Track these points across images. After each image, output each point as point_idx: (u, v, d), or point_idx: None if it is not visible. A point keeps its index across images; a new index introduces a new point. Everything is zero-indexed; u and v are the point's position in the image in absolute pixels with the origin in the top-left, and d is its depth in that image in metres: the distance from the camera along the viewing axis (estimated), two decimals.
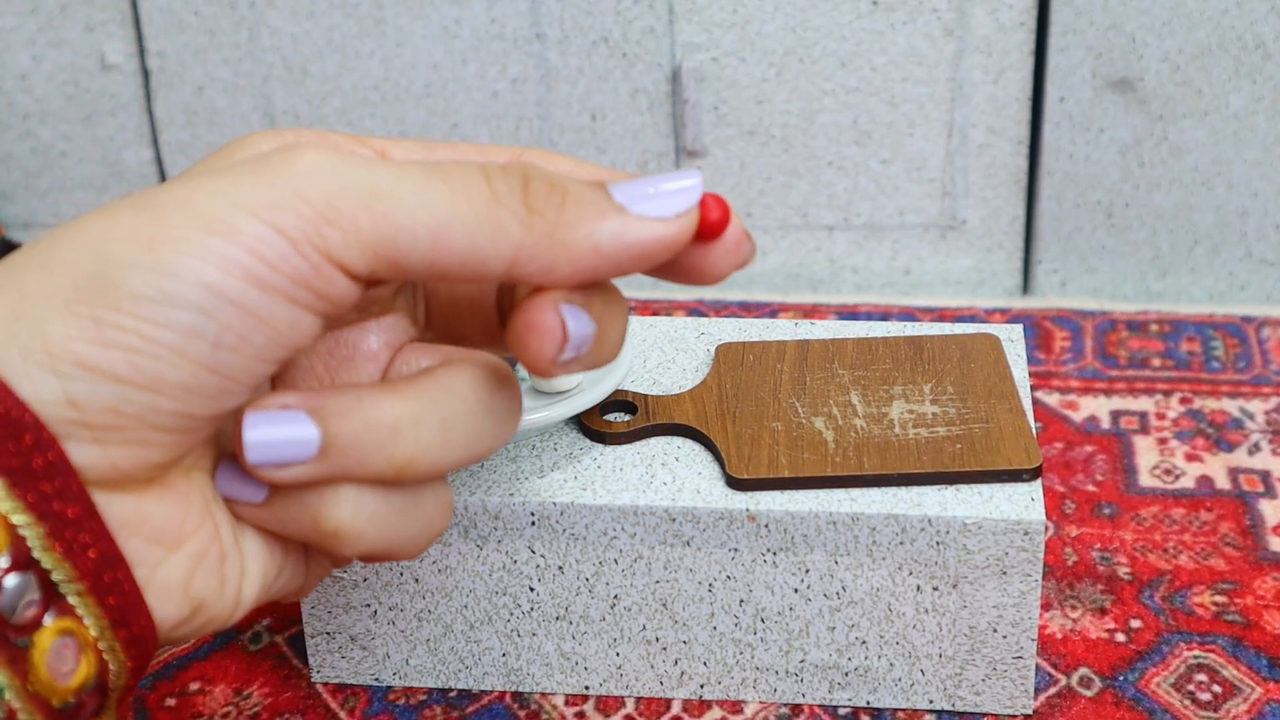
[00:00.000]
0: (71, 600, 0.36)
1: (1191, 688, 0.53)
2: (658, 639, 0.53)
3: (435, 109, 0.76)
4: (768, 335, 0.58)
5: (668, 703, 0.54)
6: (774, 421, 0.53)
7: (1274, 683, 0.53)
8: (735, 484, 0.51)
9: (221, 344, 0.37)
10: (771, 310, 0.75)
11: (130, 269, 0.36)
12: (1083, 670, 0.54)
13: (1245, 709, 0.52)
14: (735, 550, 0.51)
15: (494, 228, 0.38)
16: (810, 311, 0.75)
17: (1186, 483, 0.63)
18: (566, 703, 0.54)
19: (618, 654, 0.53)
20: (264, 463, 0.39)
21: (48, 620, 0.36)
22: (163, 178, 0.79)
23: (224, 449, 0.41)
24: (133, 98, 0.77)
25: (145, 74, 0.77)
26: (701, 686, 0.53)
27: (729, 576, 0.51)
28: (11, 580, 0.35)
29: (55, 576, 0.36)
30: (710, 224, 0.40)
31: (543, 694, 0.54)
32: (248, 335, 0.37)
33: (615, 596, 0.52)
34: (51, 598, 0.36)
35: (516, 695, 0.54)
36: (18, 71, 0.77)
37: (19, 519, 0.35)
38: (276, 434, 0.39)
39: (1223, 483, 0.63)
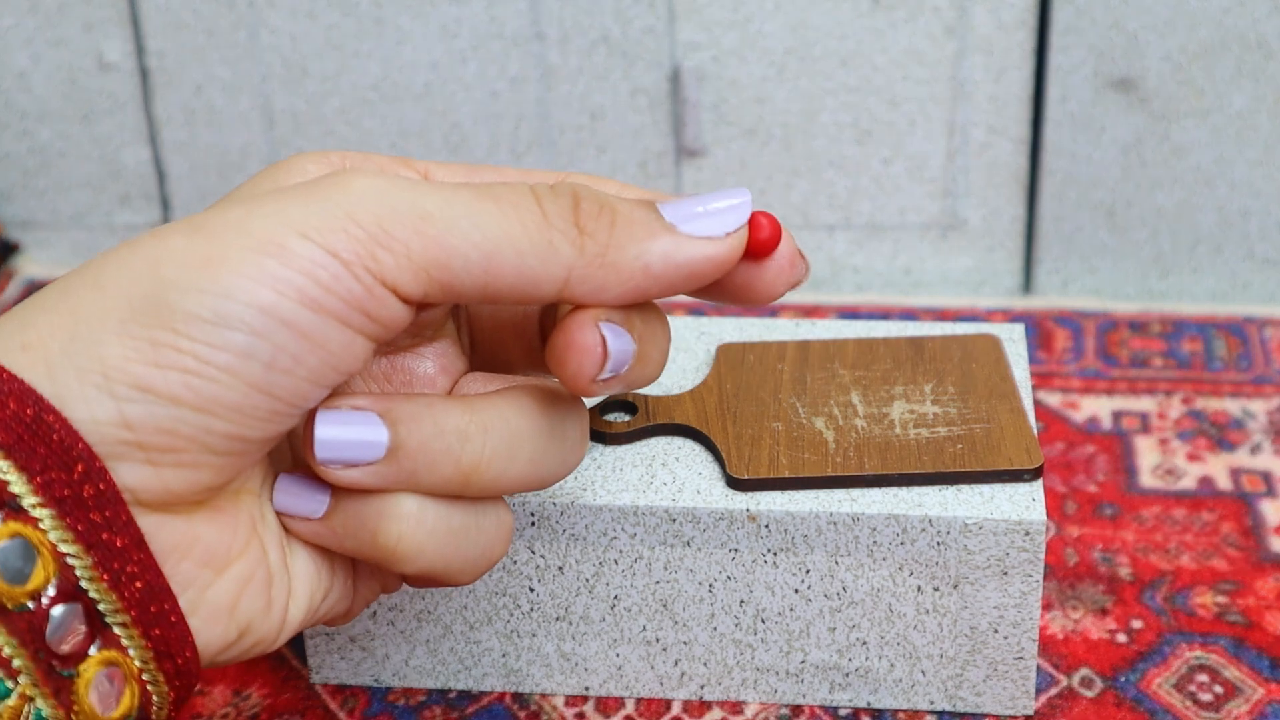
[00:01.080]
0: (117, 631, 0.36)
1: (1193, 688, 0.53)
2: (658, 639, 0.53)
3: (435, 108, 0.76)
4: (768, 335, 0.58)
5: (668, 703, 0.53)
6: (774, 421, 0.53)
7: (1275, 683, 0.53)
8: (735, 484, 0.51)
9: (275, 366, 0.37)
10: (772, 310, 0.75)
11: (185, 291, 0.36)
12: (1084, 671, 0.54)
13: (1246, 709, 0.52)
14: (735, 550, 0.51)
15: (546, 250, 0.38)
16: (810, 311, 0.75)
17: (1188, 483, 0.63)
18: (566, 703, 0.54)
19: (618, 655, 0.53)
20: (332, 461, 0.39)
21: (93, 651, 0.36)
22: (161, 177, 0.79)
23: (273, 469, 0.41)
24: (131, 97, 0.77)
25: (144, 73, 0.77)
26: (702, 687, 0.53)
27: (729, 577, 0.51)
28: (59, 610, 0.36)
29: (101, 607, 0.36)
30: (760, 242, 0.40)
31: (543, 695, 0.54)
32: (301, 357, 0.37)
33: (615, 597, 0.52)
34: (97, 628, 0.36)
35: (516, 696, 0.54)
36: (15, 70, 0.77)
37: (68, 549, 0.35)
38: (347, 433, 0.39)
39: (1224, 483, 0.63)
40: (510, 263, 0.38)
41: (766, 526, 0.50)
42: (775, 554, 0.51)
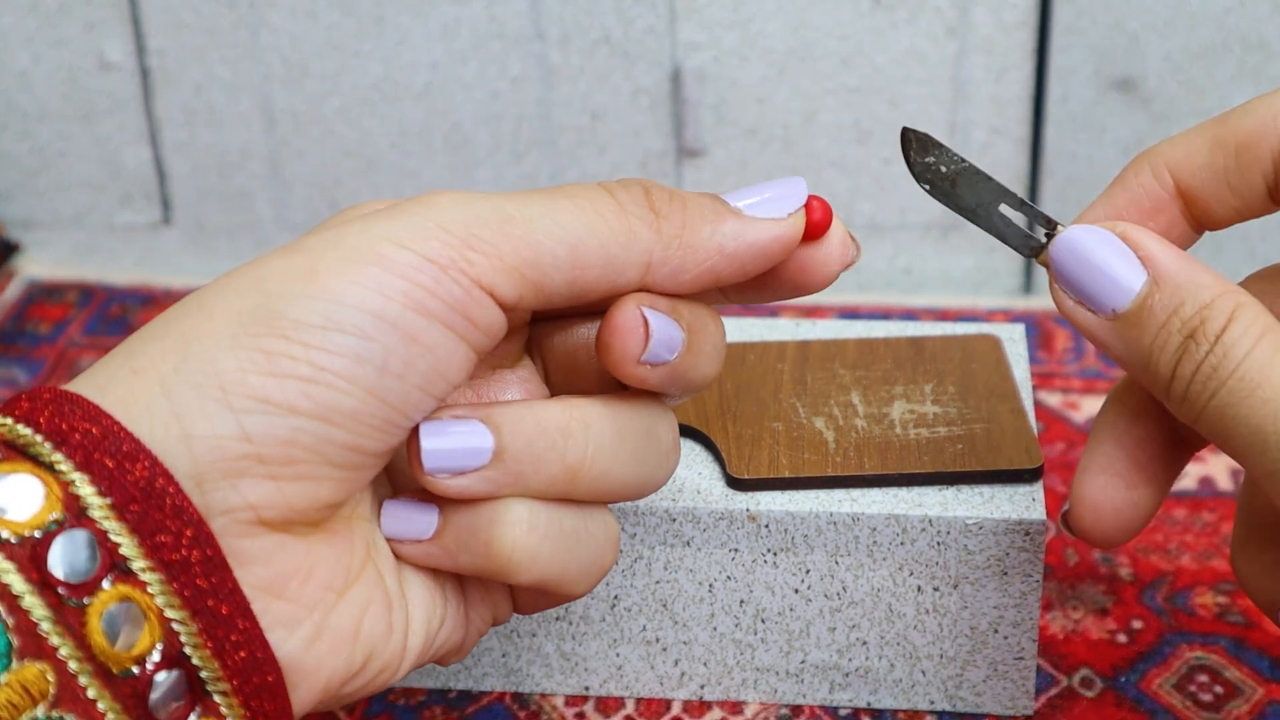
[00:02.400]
0: (217, 699, 0.37)
1: (1193, 688, 0.53)
2: (658, 639, 0.53)
3: (435, 108, 0.76)
4: (768, 335, 0.58)
5: (668, 703, 0.53)
6: (774, 421, 0.53)
7: (1275, 683, 0.53)
8: (735, 484, 0.51)
9: (387, 370, 0.37)
10: (772, 310, 0.75)
11: (294, 299, 0.37)
12: (1084, 671, 0.54)
13: (1246, 709, 0.52)
14: (735, 550, 0.51)
15: (627, 236, 0.40)
16: (811, 311, 0.75)
17: (1188, 483, 0.63)
18: (566, 703, 0.54)
19: (618, 654, 0.53)
20: (440, 469, 0.40)
21: (192, 719, 0.36)
22: (161, 177, 0.79)
23: (381, 498, 0.41)
24: (131, 96, 0.77)
25: (144, 73, 0.77)
26: (702, 687, 0.53)
27: (729, 577, 0.51)
28: (162, 677, 0.36)
29: (204, 675, 0.36)
30: (815, 223, 0.43)
31: (542, 695, 0.54)
32: (411, 361, 0.38)
33: (615, 597, 0.52)
34: (198, 696, 0.36)
35: (516, 696, 0.54)
36: (16, 70, 0.77)
37: (174, 615, 0.36)
38: (452, 442, 0.40)
39: (1224, 483, 0.63)
40: (594, 252, 0.40)
41: (766, 526, 0.50)
42: (775, 554, 0.51)
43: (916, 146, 0.44)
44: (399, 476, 0.43)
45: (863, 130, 0.74)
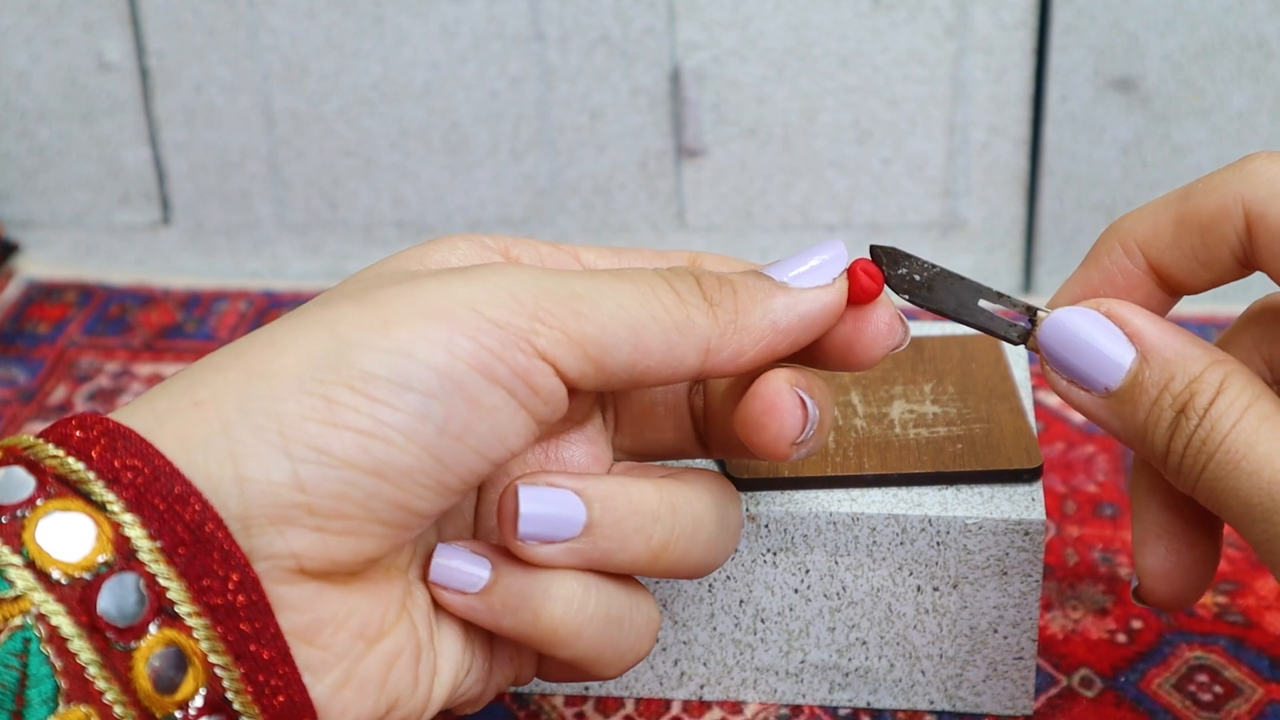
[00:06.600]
0: None
1: (1193, 688, 0.53)
2: (657, 639, 0.53)
3: (435, 108, 0.76)
4: None
5: (667, 703, 0.53)
6: None
7: (1275, 683, 0.53)
8: (735, 483, 0.51)
9: (447, 431, 0.38)
10: None
11: (365, 350, 0.37)
12: (1084, 671, 0.54)
13: (1246, 709, 0.52)
14: (735, 550, 0.51)
15: (686, 324, 0.41)
16: None
17: None
18: (566, 703, 0.54)
19: None
20: (534, 536, 0.40)
21: None
22: (161, 177, 0.79)
23: (419, 549, 0.42)
24: (131, 96, 0.77)
25: (144, 73, 0.77)
26: (701, 687, 0.53)
27: (729, 577, 0.51)
28: None
29: (243, 719, 0.36)
30: (864, 287, 0.43)
31: (542, 695, 0.54)
32: (471, 424, 0.38)
33: None
34: None
35: (516, 695, 0.54)
36: (15, 70, 0.77)
37: (217, 659, 0.36)
38: (549, 510, 0.40)
39: None
40: (656, 338, 0.40)
41: (766, 526, 0.50)
42: (775, 554, 0.51)
43: (887, 261, 0.44)
44: (446, 527, 0.43)
45: (862, 130, 0.74)
